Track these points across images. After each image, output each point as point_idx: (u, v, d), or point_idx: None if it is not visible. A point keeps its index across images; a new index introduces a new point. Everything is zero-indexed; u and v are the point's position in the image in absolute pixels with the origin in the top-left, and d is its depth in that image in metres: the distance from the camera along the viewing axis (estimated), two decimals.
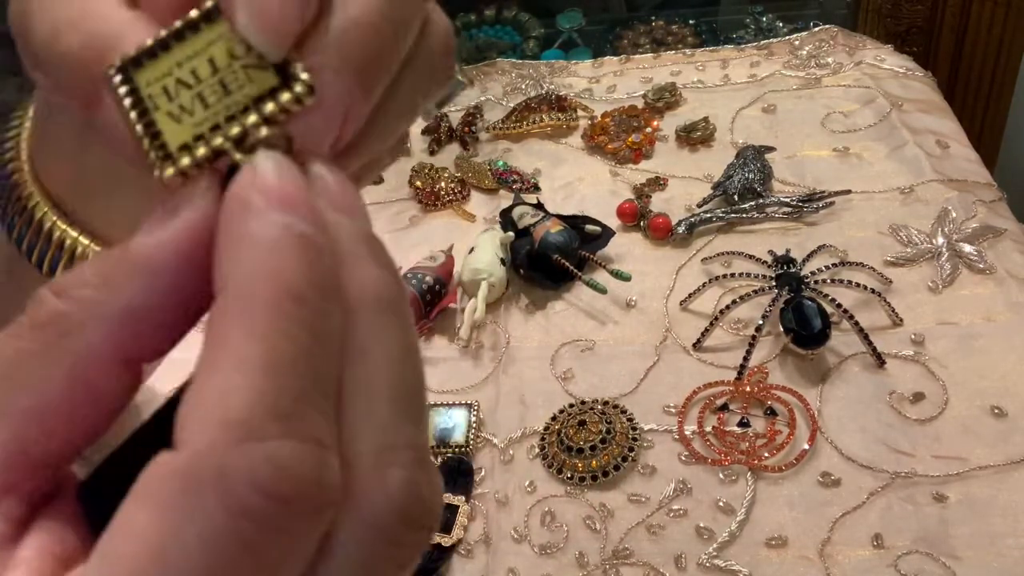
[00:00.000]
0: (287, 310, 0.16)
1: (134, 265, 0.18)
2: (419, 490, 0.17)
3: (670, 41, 1.22)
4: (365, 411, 0.17)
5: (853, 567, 0.57)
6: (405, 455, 0.17)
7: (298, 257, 0.17)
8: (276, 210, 0.17)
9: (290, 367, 0.16)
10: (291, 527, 0.16)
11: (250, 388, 0.16)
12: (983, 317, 0.71)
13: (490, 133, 1.00)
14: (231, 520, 0.15)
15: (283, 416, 0.16)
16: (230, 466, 0.15)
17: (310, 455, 0.16)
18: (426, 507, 0.18)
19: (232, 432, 0.15)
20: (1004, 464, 0.61)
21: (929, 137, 0.89)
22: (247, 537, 0.15)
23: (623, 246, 0.82)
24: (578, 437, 0.65)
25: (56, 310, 0.18)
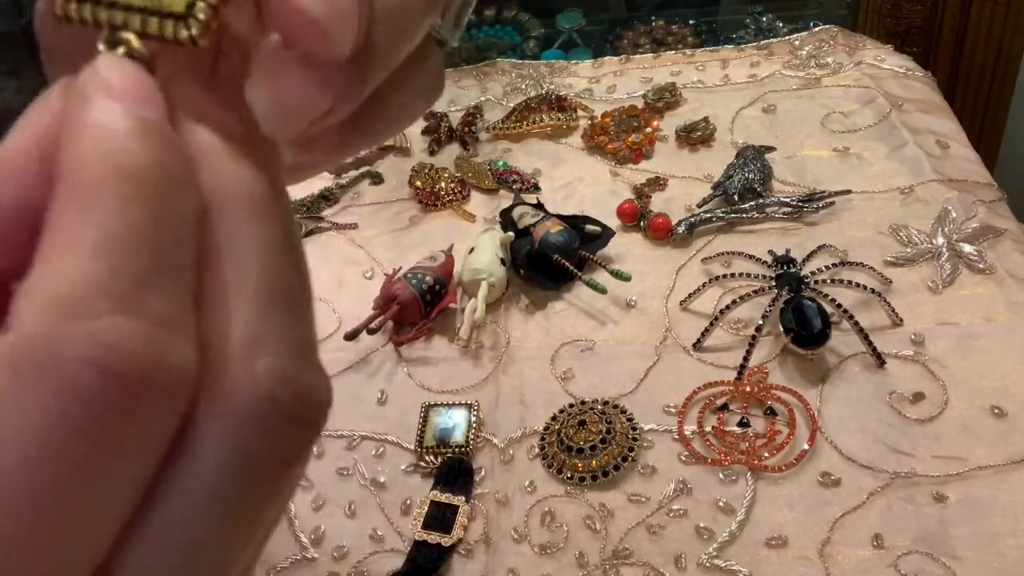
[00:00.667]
0: (120, 189, 0.16)
1: None
2: (292, 379, 0.17)
3: (670, 41, 1.23)
4: (231, 305, 0.17)
5: (853, 567, 0.57)
6: (276, 346, 0.17)
7: (133, 139, 0.16)
8: (113, 99, 0.17)
9: (125, 246, 0.16)
10: (127, 409, 0.15)
11: (81, 268, 0.15)
12: (983, 317, 0.71)
13: (490, 133, 1.00)
14: (59, 400, 0.15)
15: (117, 295, 0.15)
16: (57, 344, 0.15)
17: (148, 333, 0.15)
18: (303, 398, 0.17)
19: (60, 310, 0.15)
20: (1004, 464, 0.61)
21: (929, 137, 0.89)
22: (78, 420, 0.15)
23: (623, 246, 0.83)
24: (578, 437, 0.65)
25: None
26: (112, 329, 0.15)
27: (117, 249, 0.16)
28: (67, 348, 0.15)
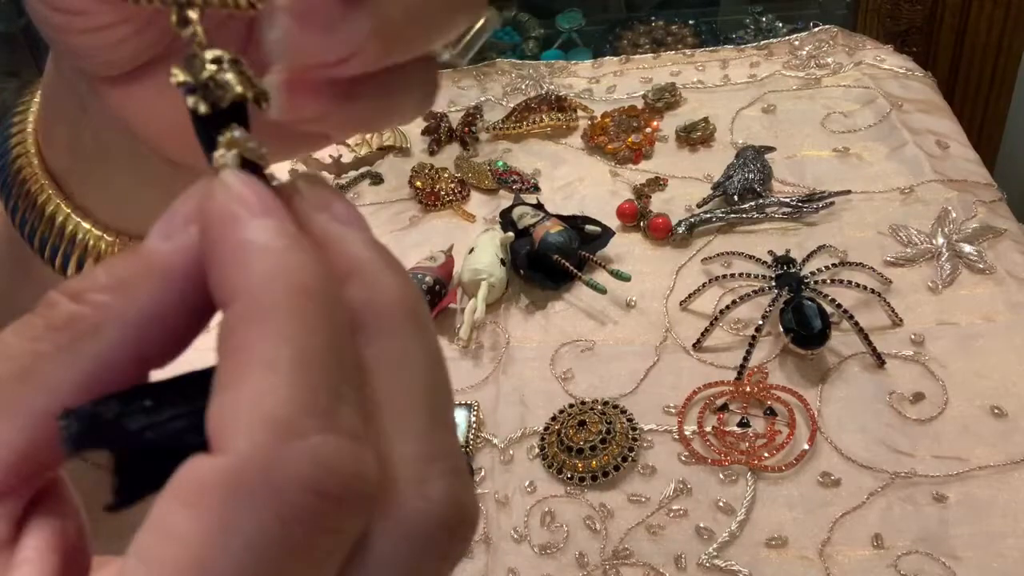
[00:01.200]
0: (304, 306, 0.16)
1: (149, 269, 0.18)
2: (460, 499, 0.17)
3: (670, 41, 1.23)
4: (403, 420, 0.17)
5: (853, 567, 0.57)
6: (444, 464, 0.17)
7: (299, 255, 0.17)
8: (262, 216, 0.17)
9: (319, 362, 0.16)
10: (336, 525, 0.16)
11: (287, 386, 0.16)
12: (983, 317, 0.71)
13: (490, 133, 1.00)
14: (280, 523, 0.15)
15: (321, 412, 0.16)
16: (277, 467, 0.15)
17: (351, 449, 0.16)
18: (466, 516, 0.17)
19: (275, 432, 0.15)
20: (1004, 464, 0.61)
21: (929, 137, 0.89)
22: (296, 539, 0.15)
23: (623, 246, 0.83)
24: (578, 437, 0.65)
25: (73, 313, 0.18)
26: (324, 448, 0.15)
27: (315, 366, 0.16)
28: (288, 470, 0.15)
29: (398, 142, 1.00)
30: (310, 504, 0.15)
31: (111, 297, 0.18)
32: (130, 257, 0.18)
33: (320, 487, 0.15)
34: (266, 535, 0.15)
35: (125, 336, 0.18)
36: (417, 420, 0.17)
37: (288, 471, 0.15)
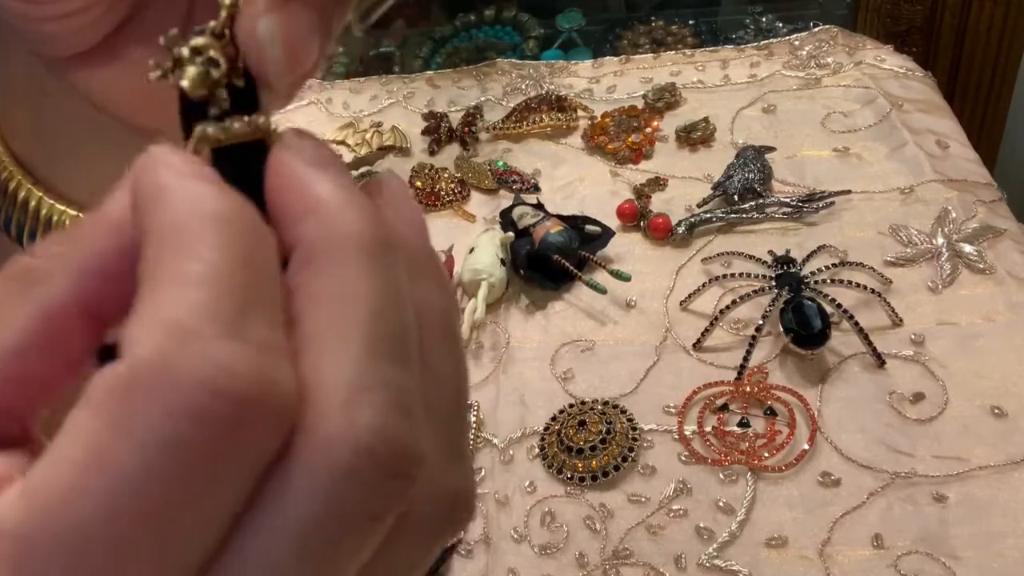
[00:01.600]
0: (214, 228, 0.17)
1: (101, 224, 0.19)
2: (394, 436, 0.17)
3: (670, 41, 1.23)
4: (337, 346, 0.17)
5: (853, 567, 0.57)
6: (383, 395, 0.17)
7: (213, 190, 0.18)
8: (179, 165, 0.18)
9: (226, 276, 0.16)
10: (235, 430, 0.15)
11: (188, 297, 0.16)
12: (983, 317, 0.71)
13: (490, 133, 1.00)
14: (171, 422, 0.15)
15: (224, 321, 0.16)
16: (172, 367, 0.15)
17: (255, 356, 0.16)
18: (402, 454, 0.17)
19: (172, 335, 0.15)
20: (1004, 464, 0.61)
21: (929, 137, 0.89)
22: (189, 440, 0.15)
23: (623, 246, 0.83)
24: (578, 437, 0.65)
25: (28, 263, 0.19)
26: (223, 351, 0.15)
27: (220, 279, 0.16)
28: (181, 370, 0.15)
29: (398, 142, 1.00)
30: (205, 404, 0.15)
31: (62, 248, 0.19)
32: (88, 216, 0.19)
33: (215, 387, 0.15)
34: (160, 432, 0.15)
35: (73, 283, 0.18)
36: (352, 348, 0.17)
37: (183, 371, 0.15)
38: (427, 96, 1.09)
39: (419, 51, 1.32)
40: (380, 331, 0.17)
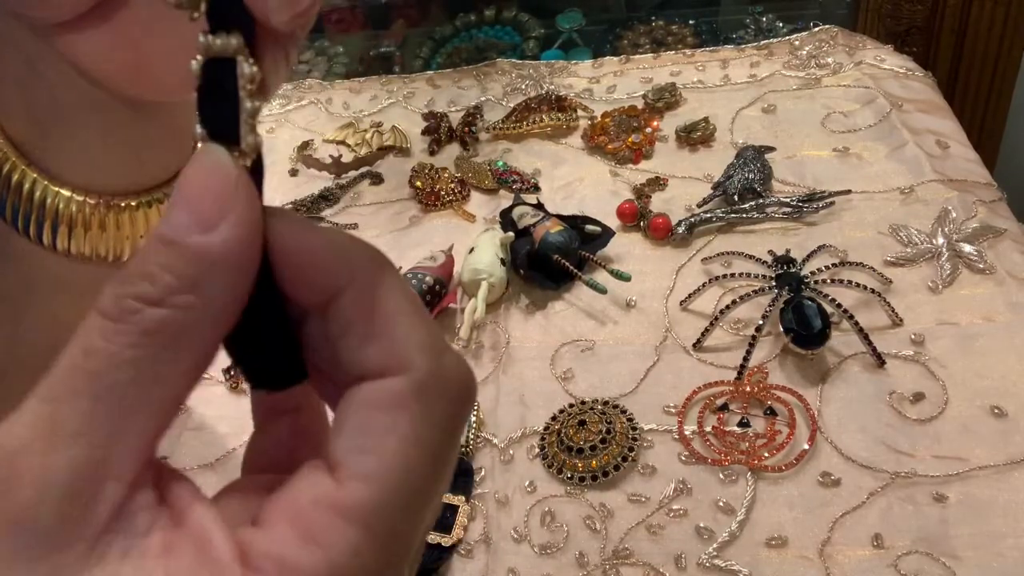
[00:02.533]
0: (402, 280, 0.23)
1: (214, 265, 0.21)
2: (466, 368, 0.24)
3: (670, 41, 1.23)
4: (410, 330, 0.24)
5: (853, 567, 0.57)
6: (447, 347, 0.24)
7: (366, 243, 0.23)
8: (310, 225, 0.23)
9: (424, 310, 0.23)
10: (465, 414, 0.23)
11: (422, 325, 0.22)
12: (983, 317, 0.71)
13: (490, 133, 1.00)
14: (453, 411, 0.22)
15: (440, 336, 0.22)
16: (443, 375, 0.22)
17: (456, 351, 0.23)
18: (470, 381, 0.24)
19: (434, 353, 0.22)
20: (1004, 464, 0.61)
21: (929, 137, 0.89)
22: (456, 427, 0.22)
23: (623, 246, 0.83)
24: (578, 437, 0.65)
25: (164, 318, 0.20)
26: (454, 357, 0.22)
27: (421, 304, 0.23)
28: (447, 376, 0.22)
29: (398, 142, 1.00)
30: (462, 395, 0.22)
31: (193, 298, 0.21)
32: (176, 254, 0.20)
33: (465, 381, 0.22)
34: (447, 420, 0.22)
35: (215, 328, 0.21)
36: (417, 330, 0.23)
37: (448, 377, 0.22)
38: (427, 96, 1.09)
39: (419, 51, 1.32)
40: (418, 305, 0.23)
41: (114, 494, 0.20)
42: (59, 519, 0.19)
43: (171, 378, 0.21)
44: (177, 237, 0.20)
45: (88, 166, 0.38)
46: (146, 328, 0.20)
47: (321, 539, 0.20)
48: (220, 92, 0.22)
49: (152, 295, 0.20)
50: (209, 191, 0.21)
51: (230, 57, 0.22)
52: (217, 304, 0.21)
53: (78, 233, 0.37)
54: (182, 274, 0.20)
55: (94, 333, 0.21)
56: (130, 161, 0.39)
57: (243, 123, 0.22)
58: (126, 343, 0.20)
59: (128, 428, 0.20)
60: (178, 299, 0.20)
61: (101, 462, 0.20)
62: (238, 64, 0.22)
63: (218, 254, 0.21)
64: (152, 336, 0.20)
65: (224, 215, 0.21)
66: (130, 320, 0.20)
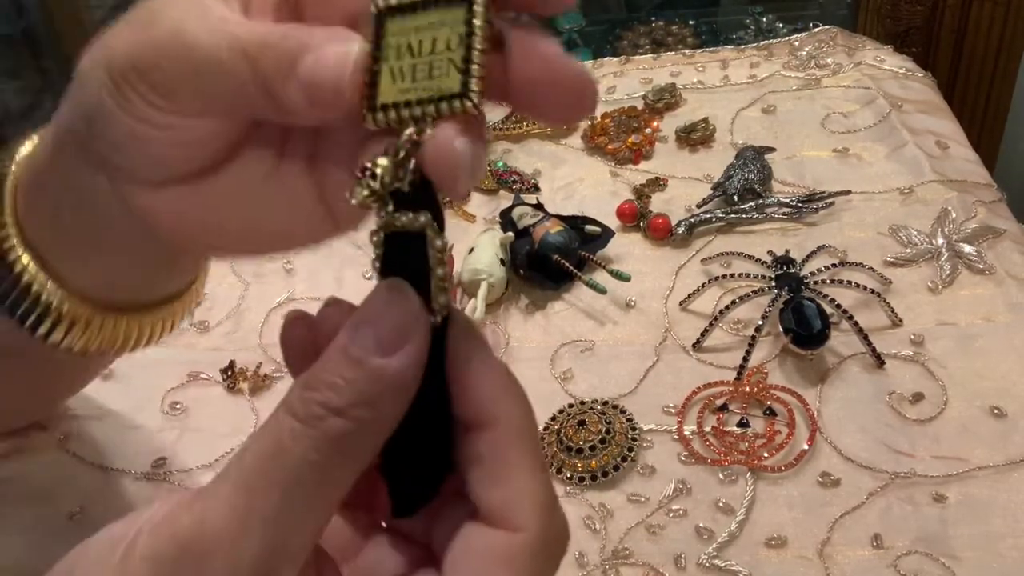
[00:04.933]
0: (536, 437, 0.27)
1: (388, 386, 0.24)
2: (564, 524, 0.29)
3: (670, 42, 1.23)
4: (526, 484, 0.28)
5: (853, 567, 0.57)
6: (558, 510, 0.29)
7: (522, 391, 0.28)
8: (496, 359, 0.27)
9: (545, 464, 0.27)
10: None
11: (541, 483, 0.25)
12: (983, 317, 0.71)
13: (490, 134, 1.00)
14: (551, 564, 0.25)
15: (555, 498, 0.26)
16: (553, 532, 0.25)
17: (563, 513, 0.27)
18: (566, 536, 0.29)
19: (548, 512, 0.25)
20: (1004, 464, 0.61)
21: (929, 138, 0.89)
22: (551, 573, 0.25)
23: (623, 246, 0.83)
24: (577, 437, 0.65)
25: (345, 428, 0.24)
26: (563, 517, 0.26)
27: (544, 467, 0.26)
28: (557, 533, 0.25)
29: None
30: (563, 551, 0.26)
31: (368, 413, 0.24)
32: (363, 370, 0.24)
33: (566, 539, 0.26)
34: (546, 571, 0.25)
35: (380, 440, 0.25)
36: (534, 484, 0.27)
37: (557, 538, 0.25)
38: None
39: None
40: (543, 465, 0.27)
41: None
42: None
43: (342, 481, 0.24)
44: (362, 357, 0.24)
45: (102, 282, 0.39)
46: (328, 435, 0.24)
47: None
48: (405, 261, 0.25)
49: (336, 404, 0.24)
50: (393, 320, 0.24)
51: (416, 231, 0.25)
52: (386, 420, 0.24)
53: (65, 327, 0.40)
54: (363, 390, 0.24)
55: (285, 432, 0.24)
56: (142, 284, 0.41)
57: (434, 287, 0.25)
58: (312, 447, 0.23)
59: (307, 521, 0.24)
60: (357, 412, 0.24)
61: (283, 548, 0.23)
62: (428, 239, 0.25)
63: (392, 378, 0.24)
64: (334, 443, 0.24)
65: (403, 344, 0.24)
66: (317, 426, 0.24)
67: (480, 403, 0.26)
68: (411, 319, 0.25)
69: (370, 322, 0.25)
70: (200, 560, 0.23)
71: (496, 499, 0.25)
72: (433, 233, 0.25)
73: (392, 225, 0.26)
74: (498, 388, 0.26)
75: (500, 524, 0.24)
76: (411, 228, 0.25)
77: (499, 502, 0.25)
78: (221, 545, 0.23)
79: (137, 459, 0.66)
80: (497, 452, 0.25)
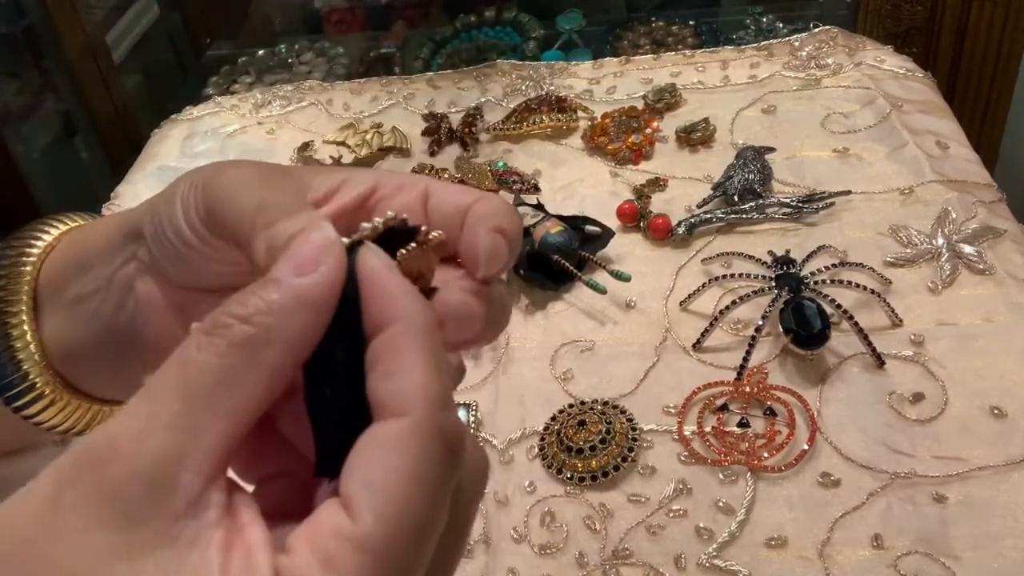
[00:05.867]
0: (432, 334, 0.26)
1: (301, 300, 0.25)
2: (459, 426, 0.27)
3: (670, 42, 1.23)
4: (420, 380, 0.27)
5: (853, 567, 0.57)
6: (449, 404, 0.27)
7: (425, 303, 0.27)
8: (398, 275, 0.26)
9: (445, 366, 0.26)
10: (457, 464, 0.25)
11: (439, 382, 0.25)
12: (983, 318, 0.71)
13: (490, 134, 1.00)
14: (447, 458, 0.24)
15: (450, 396, 0.25)
16: (443, 423, 0.24)
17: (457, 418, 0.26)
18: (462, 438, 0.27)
19: (439, 406, 0.24)
20: (1004, 464, 0.61)
21: (929, 138, 0.89)
22: (449, 472, 0.24)
23: (623, 247, 0.83)
24: (578, 437, 0.65)
25: (249, 334, 0.24)
26: (454, 418, 0.25)
27: (443, 368, 0.25)
28: (448, 427, 0.24)
29: (398, 143, 1.00)
30: (456, 445, 0.25)
31: (276, 320, 0.25)
32: (273, 287, 0.25)
33: (457, 441, 0.25)
34: (439, 465, 0.24)
35: (289, 351, 0.25)
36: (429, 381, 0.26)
37: (449, 427, 0.24)
38: (427, 97, 1.09)
39: (419, 52, 1.32)
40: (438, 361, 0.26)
41: (191, 486, 0.23)
42: (141, 499, 0.23)
43: (247, 387, 0.24)
44: (280, 277, 0.25)
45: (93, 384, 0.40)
46: (231, 340, 0.24)
47: (338, 565, 0.23)
48: None
49: (242, 313, 0.24)
50: (309, 247, 0.26)
51: None
52: (295, 332, 0.25)
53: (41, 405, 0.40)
54: (270, 300, 0.25)
55: (191, 345, 0.25)
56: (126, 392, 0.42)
57: None
58: (214, 352, 0.24)
59: (207, 427, 0.24)
60: (262, 319, 0.24)
61: (182, 454, 0.23)
62: None
63: (305, 293, 0.25)
64: (236, 348, 0.24)
65: (317, 267, 0.25)
66: (220, 333, 0.24)
67: (379, 307, 0.26)
68: (326, 245, 0.26)
69: (292, 254, 0.26)
70: (100, 465, 0.23)
71: (386, 391, 0.24)
72: None
73: None
74: (395, 291, 0.26)
75: (389, 414, 0.24)
76: None
77: (388, 393, 0.24)
78: (119, 451, 0.23)
79: None
80: (390, 349, 0.25)
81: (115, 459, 0.23)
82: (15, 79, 1.34)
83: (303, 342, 0.25)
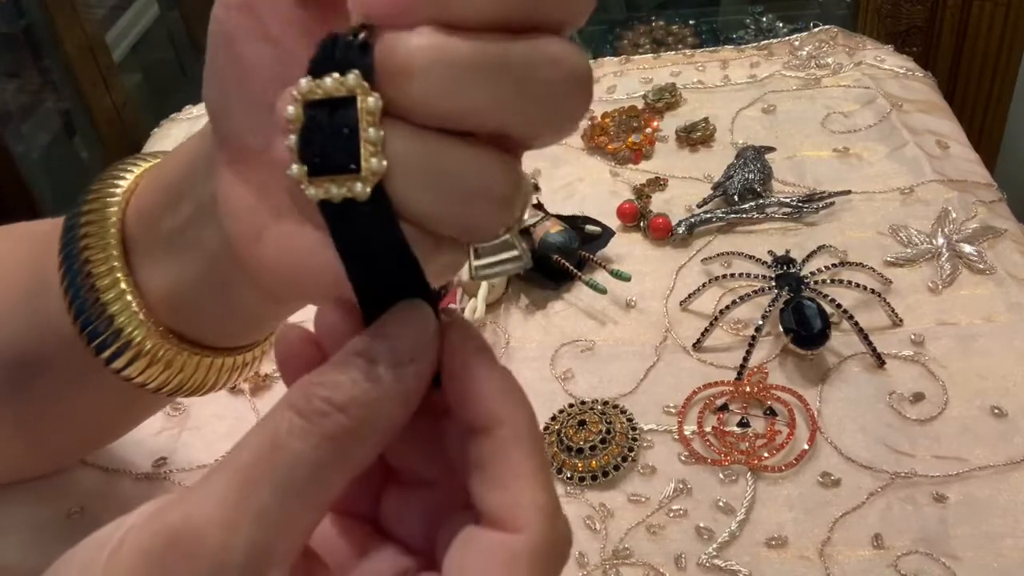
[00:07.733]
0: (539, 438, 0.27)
1: (389, 396, 0.25)
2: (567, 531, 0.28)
3: (670, 41, 1.23)
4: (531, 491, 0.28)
5: (853, 567, 0.57)
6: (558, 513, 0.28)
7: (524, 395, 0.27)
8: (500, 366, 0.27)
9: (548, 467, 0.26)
10: None
11: (550, 493, 0.25)
12: (983, 317, 0.71)
13: None
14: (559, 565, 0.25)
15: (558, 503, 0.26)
16: (555, 536, 0.25)
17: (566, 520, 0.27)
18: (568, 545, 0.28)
19: (551, 516, 0.25)
20: (1004, 464, 0.61)
21: (929, 137, 0.89)
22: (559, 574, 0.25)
23: (623, 246, 0.83)
24: (578, 437, 0.65)
25: (344, 426, 0.24)
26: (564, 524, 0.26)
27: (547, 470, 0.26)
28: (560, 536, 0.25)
29: None
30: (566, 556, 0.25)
31: (369, 412, 0.24)
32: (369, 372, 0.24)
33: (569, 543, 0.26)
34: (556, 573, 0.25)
35: (380, 443, 0.25)
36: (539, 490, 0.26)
37: (559, 541, 0.25)
38: None
39: None
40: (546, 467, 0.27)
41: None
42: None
43: (336, 482, 0.24)
44: (375, 356, 0.25)
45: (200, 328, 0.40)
46: (326, 432, 0.24)
47: None
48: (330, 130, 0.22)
49: (339, 401, 0.24)
50: (408, 336, 0.25)
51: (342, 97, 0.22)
52: (387, 424, 0.25)
53: (142, 364, 0.39)
54: (367, 390, 0.24)
55: (283, 427, 0.24)
56: (237, 333, 0.43)
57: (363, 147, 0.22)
58: (309, 444, 0.23)
59: (297, 521, 0.24)
60: (358, 412, 0.24)
61: (272, 549, 0.23)
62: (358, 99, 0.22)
63: (393, 390, 0.25)
64: (332, 441, 0.24)
65: (413, 361, 0.25)
66: (316, 422, 0.24)
67: (483, 407, 0.26)
68: (427, 340, 0.25)
69: (388, 335, 0.25)
70: (188, 556, 0.22)
71: (498, 501, 0.25)
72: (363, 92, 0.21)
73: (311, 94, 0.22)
74: (501, 392, 0.26)
75: (502, 526, 0.24)
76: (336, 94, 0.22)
77: (501, 504, 0.25)
78: (209, 540, 0.22)
79: (137, 459, 0.66)
80: (500, 456, 0.25)
81: (205, 549, 0.22)
82: (15, 79, 1.34)
83: (392, 432, 0.25)
